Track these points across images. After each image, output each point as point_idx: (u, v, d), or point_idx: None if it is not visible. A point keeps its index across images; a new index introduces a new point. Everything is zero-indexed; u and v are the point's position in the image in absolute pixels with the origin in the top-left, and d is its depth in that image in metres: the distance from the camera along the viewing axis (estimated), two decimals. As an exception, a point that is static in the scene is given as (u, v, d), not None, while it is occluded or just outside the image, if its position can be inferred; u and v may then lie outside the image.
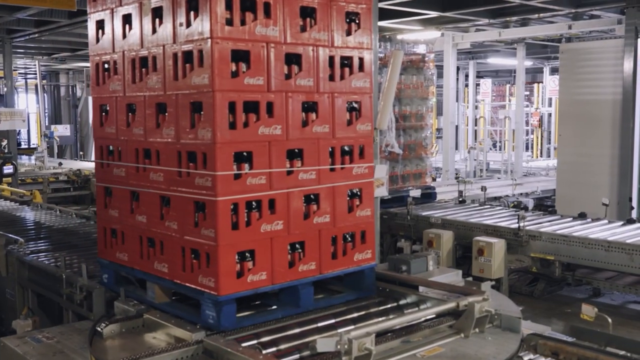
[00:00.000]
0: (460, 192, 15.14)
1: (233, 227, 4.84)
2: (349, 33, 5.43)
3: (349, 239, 5.50)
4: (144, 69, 5.33)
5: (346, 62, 5.43)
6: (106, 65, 5.77)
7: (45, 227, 9.92)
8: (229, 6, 4.77)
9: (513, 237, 11.43)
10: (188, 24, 4.88)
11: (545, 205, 16.83)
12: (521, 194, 16.96)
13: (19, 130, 24.00)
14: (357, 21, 5.47)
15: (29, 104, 36.04)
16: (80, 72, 31.57)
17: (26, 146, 34.42)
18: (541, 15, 15.54)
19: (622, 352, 4.75)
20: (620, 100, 14.31)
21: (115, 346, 5.01)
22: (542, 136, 29.90)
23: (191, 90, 4.89)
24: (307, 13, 5.19)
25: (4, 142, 19.24)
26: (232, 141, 4.81)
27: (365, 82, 5.53)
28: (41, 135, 25.06)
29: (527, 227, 11.43)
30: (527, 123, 28.15)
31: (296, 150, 5.17)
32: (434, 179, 19.36)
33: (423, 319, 5.19)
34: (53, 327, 5.89)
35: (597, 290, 11.70)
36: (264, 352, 4.56)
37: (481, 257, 11.25)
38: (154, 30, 5.20)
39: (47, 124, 30.71)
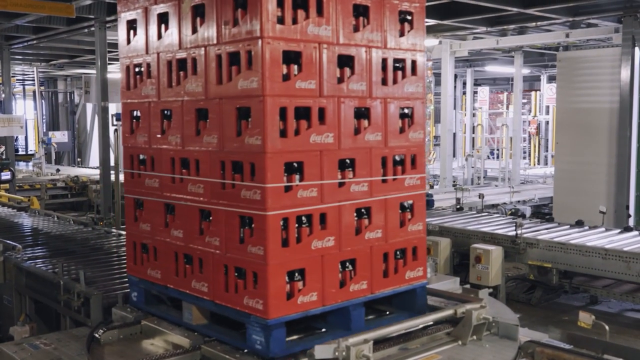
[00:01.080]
0: (458, 200, 14.70)
1: (283, 244, 4.27)
2: (402, 34, 4.86)
3: (400, 255, 4.93)
4: (182, 72, 4.73)
5: (398, 64, 4.86)
6: (138, 69, 5.15)
7: (43, 234, 9.58)
8: (280, 3, 4.20)
9: (510, 245, 11.11)
10: (235, 23, 4.29)
11: (542, 212, 16.43)
12: (518, 201, 16.51)
13: (17, 137, 23.29)
14: (410, 21, 4.90)
15: (26, 110, 35.17)
16: (78, 79, 30.75)
17: (23, 153, 33.63)
18: (538, 23, 15.12)
19: None
20: (617, 109, 13.93)
21: (113, 353, 4.75)
22: (539, 144, 29.51)
23: (237, 94, 4.30)
24: (360, 12, 4.63)
25: (2, 149, 18.58)
26: (283, 150, 4.23)
27: (418, 87, 4.96)
28: (39, 142, 24.33)
29: (525, 235, 11.11)
30: (524, 131, 27.71)
31: (347, 161, 4.59)
32: (431, 187, 18.95)
33: (421, 326, 4.87)
34: (50, 333, 5.66)
35: (594, 298, 11.45)
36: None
37: (479, 265, 10.95)
38: (194, 30, 4.60)
39: (44, 131, 29.95)
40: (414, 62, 4.94)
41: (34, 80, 28.42)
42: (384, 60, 4.75)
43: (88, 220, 11.57)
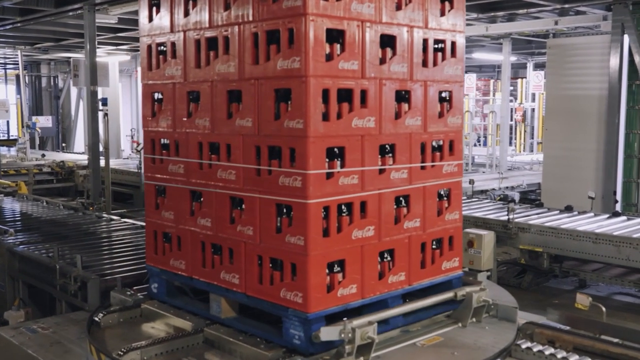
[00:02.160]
0: (447, 185, 14.38)
1: (323, 234, 3.95)
2: (442, 13, 4.54)
3: (437, 245, 4.64)
4: (211, 52, 4.36)
5: (438, 46, 4.54)
6: (161, 48, 4.76)
7: (33, 219, 9.35)
8: (322, -23, 3.85)
9: (502, 230, 10.87)
10: (274, -1, 3.93)
11: (529, 198, 16.24)
12: (507, 187, 16.28)
13: (-3, 122, 22.62)
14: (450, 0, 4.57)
15: (8, 95, 34.13)
16: (63, 63, 29.91)
17: (5, 138, 32.64)
18: (529, 10, 14.83)
19: (616, 340, 4.51)
20: (606, 96, 13.67)
21: (114, 335, 4.61)
22: (525, 131, 29.27)
23: (276, 75, 3.96)
24: (402, -11, 4.30)
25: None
26: (325, 135, 3.91)
27: (457, 70, 4.66)
28: (22, 127, 23.59)
29: (516, 220, 10.89)
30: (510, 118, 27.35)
31: (387, 146, 4.27)
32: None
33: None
34: (48, 317, 5.57)
35: (583, 281, 11.30)
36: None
37: (471, 249, 10.61)
38: (227, 7, 4.22)
39: (28, 115, 29.13)
40: (453, 44, 4.64)
41: (16, 64, 27.49)
42: (425, 41, 4.45)
43: (78, 205, 11.25)
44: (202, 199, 4.53)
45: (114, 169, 16.75)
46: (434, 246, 4.64)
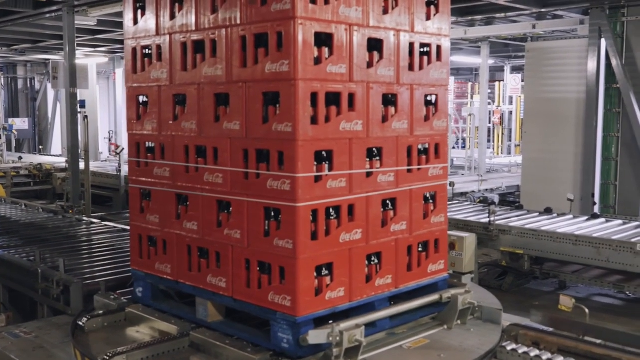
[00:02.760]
0: (428, 188, 14.41)
1: (312, 238, 3.97)
2: (428, 17, 4.58)
3: (422, 248, 4.67)
4: (198, 55, 4.35)
5: (424, 50, 4.57)
6: (146, 51, 4.74)
7: (12, 222, 9.26)
8: (310, -19, 3.86)
9: (483, 232, 10.91)
10: (262, 2, 3.93)
11: (508, 201, 16.32)
12: (486, 189, 16.36)
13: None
14: (436, 4, 4.63)
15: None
16: (40, 65, 29.65)
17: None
18: (507, 14, 14.93)
19: (599, 341, 4.57)
20: (584, 99, 13.78)
21: (98, 340, 4.58)
22: (502, 134, 29.43)
23: (265, 78, 3.96)
24: (389, -7, 4.32)
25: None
26: (314, 138, 3.93)
27: (442, 73, 4.70)
28: (-2, 129, 23.41)
29: (497, 222, 10.92)
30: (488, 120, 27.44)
31: (374, 150, 4.29)
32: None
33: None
34: (30, 322, 5.49)
35: (563, 283, 11.37)
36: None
37: (453, 252, 10.66)
38: (214, 10, 4.21)
39: (4, 118, 28.74)
40: (439, 48, 4.69)
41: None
42: (411, 45, 4.48)
43: (58, 208, 11.17)
44: (188, 203, 4.51)
45: (92, 172, 16.64)
46: (420, 249, 4.67)
